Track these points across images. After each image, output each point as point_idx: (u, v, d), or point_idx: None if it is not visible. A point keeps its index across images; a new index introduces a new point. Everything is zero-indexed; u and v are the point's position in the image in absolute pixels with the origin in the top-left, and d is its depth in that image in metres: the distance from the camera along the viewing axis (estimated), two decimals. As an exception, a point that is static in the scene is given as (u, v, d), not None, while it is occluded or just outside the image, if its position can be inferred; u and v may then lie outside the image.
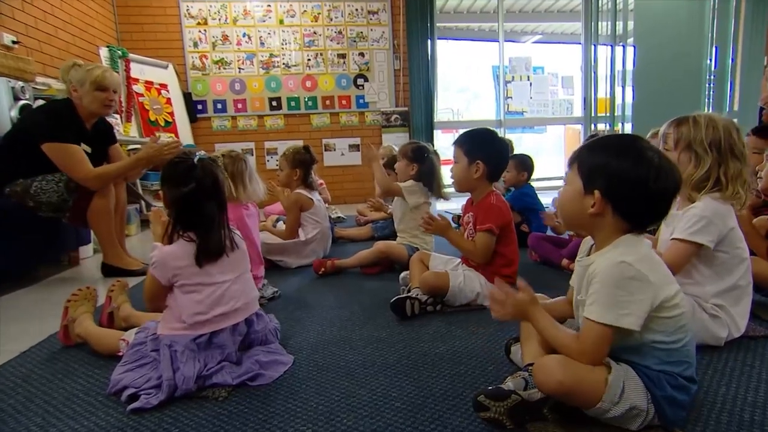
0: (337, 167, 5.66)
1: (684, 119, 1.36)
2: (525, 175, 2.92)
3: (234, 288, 1.32)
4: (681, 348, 0.97)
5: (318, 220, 2.68)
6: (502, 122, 6.19)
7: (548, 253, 2.38)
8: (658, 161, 0.94)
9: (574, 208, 1.01)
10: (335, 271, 2.39)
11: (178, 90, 5.13)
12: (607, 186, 0.95)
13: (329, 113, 5.60)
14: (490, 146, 1.82)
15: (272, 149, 5.48)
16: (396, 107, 5.71)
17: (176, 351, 1.22)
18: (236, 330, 1.32)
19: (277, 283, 2.20)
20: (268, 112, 5.47)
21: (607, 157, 0.96)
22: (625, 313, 0.91)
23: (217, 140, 5.29)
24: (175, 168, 1.28)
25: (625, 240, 0.97)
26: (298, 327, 1.68)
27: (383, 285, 2.17)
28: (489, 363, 1.35)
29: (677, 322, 0.96)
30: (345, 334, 1.60)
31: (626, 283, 0.91)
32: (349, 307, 1.89)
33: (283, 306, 1.93)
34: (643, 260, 0.93)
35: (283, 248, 2.60)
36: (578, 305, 1.04)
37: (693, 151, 1.33)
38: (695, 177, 1.33)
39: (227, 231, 1.34)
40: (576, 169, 1.01)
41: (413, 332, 1.59)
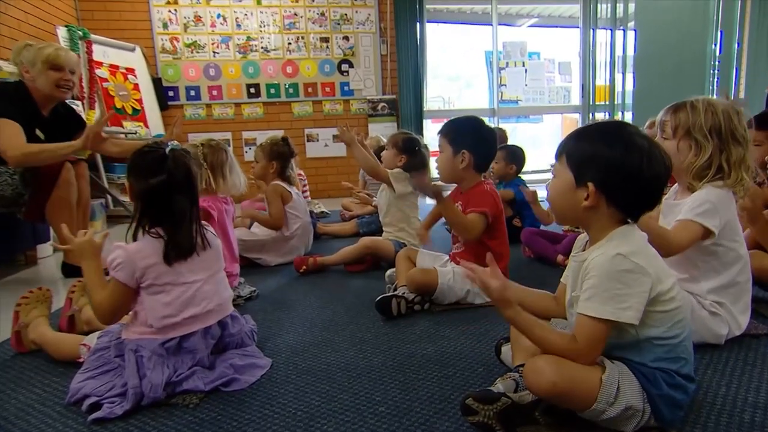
0: (320, 159, 5.63)
1: (681, 105, 1.37)
2: (513, 167, 2.93)
3: (206, 288, 1.30)
4: (679, 344, 0.98)
5: (298, 214, 2.67)
6: (495, 111, 6.21)
7: (542, 249, 2.40)
8: (648, 147, 0.95)
9: (567, 202, 1.02)
10: (317, 269, 2.38)
11: (146, 75, 5.04)
12: (601, 177, 0.96)
13: (312, 101, 5.56)
14: (476, 135, 1.82)
15: (250, 140, 5.43)
16: (383, 95, 5.70)
17: (143, 356, 1.20)
18: (209, 333, 1.30)
19: (255, 281, 2.19)
20: (245, 99, 5.42)
21: (597, 147, 0.96)
22: (624, 307, 0.92)
23: (191, 130, 5.21)
24: (144, 158, 1.26)
25: (620, 232, 0.98)
26: (276, 328, 1.68)
27: (368, 283, 2.17)
28: (479, 364, 1.35)
29: (673, 316, 0.97)
30: (327, 336, 1.60)
31: (623, 275, 0.92)
32: (332, 306, 1.88)
33: (261, 306, 1.92)
34: (639, 252, 0.94)
35: (262, 245, 2.58)
36: (572, 302, 1.04)
37: (693, 138, 1.33)
38: (696, 165, 1.33)
39: (199, 227, 1.32)
40: (565, 161, 1.01)
41: (399, 333, 1.60)
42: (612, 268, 0.93)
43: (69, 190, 2.35)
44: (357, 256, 2.40)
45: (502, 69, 6.35)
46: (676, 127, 1.36)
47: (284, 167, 2.69)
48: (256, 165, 2.68)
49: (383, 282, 2.07)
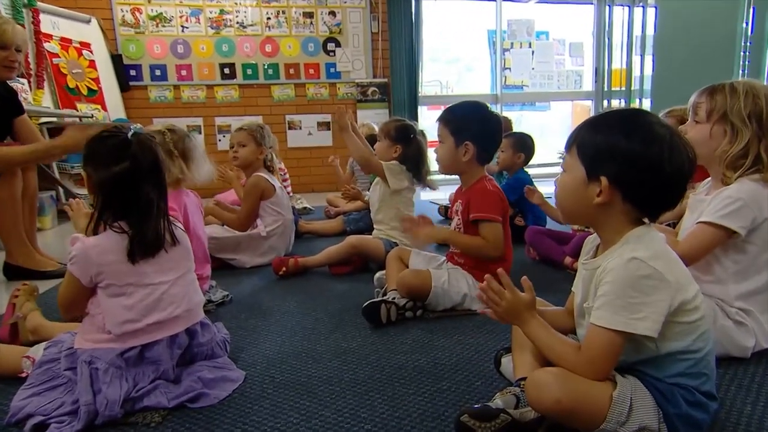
0: (303, 149, 5.61)
1: (719, 87, 1.37)
2: (522, 157, 2.94)
3: (174, 291, 1.29)
4: (702, 358, 0.99)
5: (280, 210, 2.66)
6: (498, 98, 6.23)
7: (549, 250, 2.41)
8: (669, 137, 0.95)
9: (577, 199, 1.02)
10: (299, 271, 2.38)
11: (104, 51, 4.98)
12: (616, 171, 0.95)
13: (293, 84, 5.54)
14: (481, 124, 1.82)
15: (224, 126, 5.40)
16: (373, 78, 5.70)
17: (98, 369, 1.19)
18: (175, 342, 1.29)
19: (228, 285, 2.18)
20: (219, 81, 5.39)
21: (613, 137, 0.96)
22: (640, 317, 0.92)
23: (156, 114, 5.18)
24: (104, 143, 1.24)
25: (636, 234, 0.98)
26: (251, 337, 1.67)
27: (355, 287, 2.17)
28: (476, 377, 1.36)
29: (697, 327, 0.97)
30: (308, 346, 1.59)
31: (640, 282, 0.92)
32: (314, 313, 1.88)
33: (235, 312, 1.92)
34: (658, 256, 0.94)
35: (237, 244, 2.57)
36: (584, 313, 1.04)
37: (729, 122, 1.33)
38: (731, 153, 1.33)
39: (167, 222, 1.31)
40: (576, 154, 1.01)
41: (389, 342, 1.60)
42: (627, 274, 0.93)
43: (13, 181, 2.32)
44: (343, 256, 2.40)
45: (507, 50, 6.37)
46: (711, 111, 1.36)
47: (268, 155, 2.70)
48: (242, 150, 2.64)
49: (371, 285, 2.07)
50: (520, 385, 1.07)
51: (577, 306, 1.10)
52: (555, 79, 6.61)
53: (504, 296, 1.06)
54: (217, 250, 2.47)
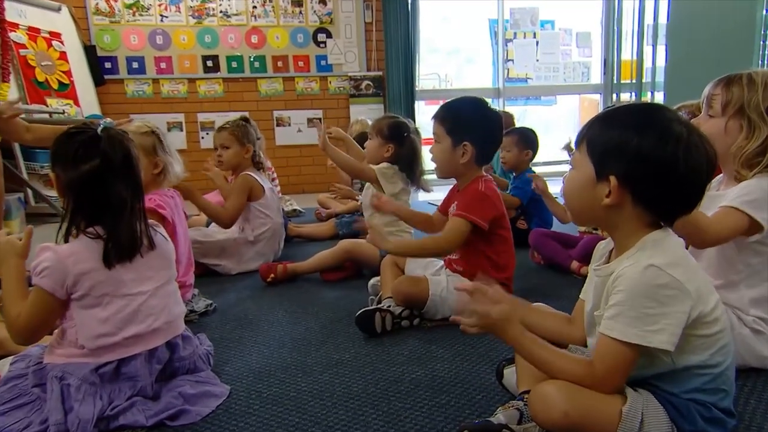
0: (292, 147, 5.61)
1: (736, 78, 1.37)
2: (529, 154, 2.95)
3: (152, 302, 1.29)
4: (721, 373, 0.99)
5: (269, 213, 2.66)
6: (500, 91, 6.24)
7: (554, 254, 2.42)
8: (687, 136, 0.95)
9: (585, 199, 1.02)
10: (288, 278, 2.38)
11: (77, 42, 4.94)
12: (627, 170, 0.95)
13: (282, 78, 5.54)
14: (481, 123, 1.81)
15: (208, 123, 5.39)
16: (367, 71, 5.70)
17: (69, 385, 1.19)
18: (154, 356, 1.29)
19: (213, 293, 2.18)
20: (201, 74, 5.38)
21: (626, 134, 0.96)
22: (656, 330, 0.92)
23: (134, 110, 5.15)
24: (72, 141, 1.24)
25: (653, 238, 0.98)
26: (237, 349, 1.67)
27: (348, 294, 2.17)
28: (477, 390, 1.36)
29: (717, 341, 0.97)
30: (297, 358, 1.59)
31: (656, 291, 0.92)
32: (304, 322, 1.89)
33: (219, 323, 1.92)
34: (677, 264, 0.94)
35: (221, 249, 2.57)
36: (594, 322, 1.04)
37: (746, 117, 1.33)
38: (747, 150, 1.33)
39: (144, 225, 1.31)
40: (585, 150, 1.01)
41: (384, 353, 1.60)
42: (643, 283, 0.93)
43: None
44: (335, 262, 2.40)
45: (509, 41, 6.38)
46: (727, 103, 1.36)
47: (255, 152, 2.70)
48: (225, 152, 2.64)
49: (365, 293, 2.07)
50: (523, 399, 1.07)
51: (587, 314, 1.10)
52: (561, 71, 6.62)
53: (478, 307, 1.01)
54: (200, 255, 2.47)
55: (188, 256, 2.04)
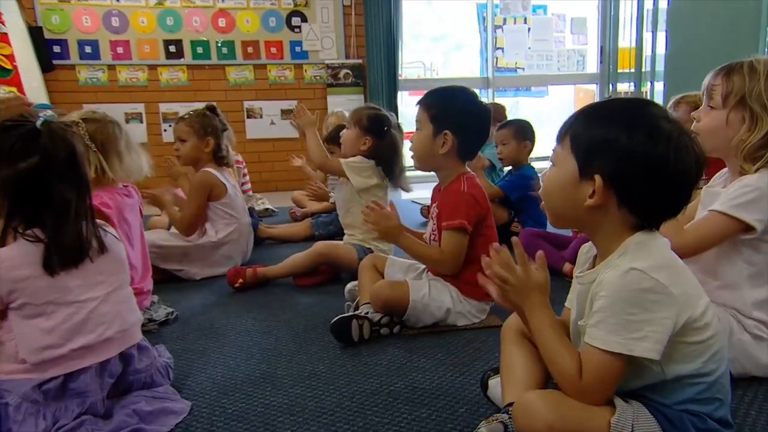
0: (264, 141, 5.59)
1: (737, 66, 1.39)
2: (528, 145, 2.99)
3: (104, 309, 1.28)
4: (715, 381, 1.00)
5: (234, 213, 2.65)
6: (489, 81, 6.28)
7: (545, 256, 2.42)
8: (677, 136, 0.96)
9: (565, 199, 1.03)
10: (258, 283, 2.38)
11: (20, 23, 4.83)
12: (612, 169, 0.97)
13: (252, 65, 5.51)
14: (466, 112, 1.83)
15: (170, 114, 5.33)
16: (346, 59, 5.69)
17: (8, 404, 1.16)
18: (106, 369, 1.28)
19: (174, 300, 2.16)
20: (163, 60, 5.33)
21: (612, 130, 0.97)
22: (639, 337, 0.93)
23: (87, 99, 5.07)
24: (7, 135, 1.22)
25: (636, 241, 0.99)
26: (200, 362, 1.67)
27: (323, 301, 2.17)
28: (460, 403, 1.37)
29: (709, 347, 0.99)
30: (267, 369, 1.59)
31: (639, 296, 0.93)
32: (275, 331, 1.88)
33: (181, 332, 1.91)
34: (661, 266, 0.95)
35: (184, 253, 2.55)
36: (579, 333, 1.06)
37: (748, 108, 1.35)
38: (749, 143, 1.34)
39: (92, 225, 1.29)
40: (568, 146, 1.02)
41: (360, 364, 1.60)
42: (625, 287, 0.94)
43: None
44: (309, 265, 2.39)
45: (499, 27, 6.42)
46: (728, 94, 1.38)
47: (219, 146, 2.67)
48: (182, 146, 2.63)
49: (342, 299, 2.07)
50: (508, 412, 1.08)
51: (572, 324, 1.11)
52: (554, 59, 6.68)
53: (514, 271, 1.06)
54: (161, 260, 2.45)
55: (144, 260, 2.02)
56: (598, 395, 0.97)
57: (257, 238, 3.03)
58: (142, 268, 1.98)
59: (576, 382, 0.97)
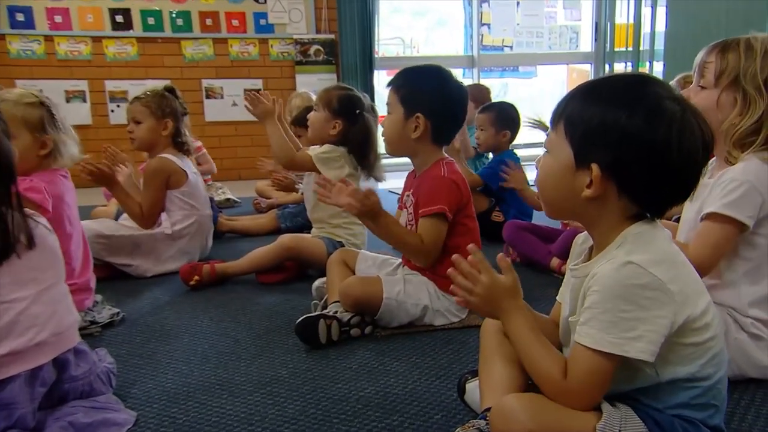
0: (226, 124, 5.56)
1: (733, 43, 1.40)
2: (507, 135, 3.00)
3: (35, 310, 1.25)
4: (712, 386, 1.01)
5: (193, 204, 2.63)
6: (474, 60, 6.30)
7: (531, 250, 2.46)
8: (681, 114, 0.96)
9: (561, 189, 1.03)
10: (216, 281, 2.37)
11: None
12: (611, 156, 0.96)
13: (212, 39, 5.47)
14: (439, 94, 1.84)
15: (118, 93, 5.28)
16: (317, 34, 5.67)
17: None
18: (38, 377, 1.25)
19: (121, 300, 2.15)
20: (108, 32, 5.26)
21: (610, 112, 0.97)
22: (633, 337, 0.93)
23: (21, 74, 5.01)
24: None
25: (634, 232, 1.00)
26: (148, 367, 1.65)
27: (288, 299, 2.18)
28: (436, 409, 1.37)
29: (707, 350, 0.99)
30: (223, 375, 1.59)
31: (635, 292, 0.94)
32: (234, 333, 1.88)
33: (128, 335, 1.89)
34: (660, 260, 0.96)
35: (135, 246, 2.53)
36: (570, 329, 1.06)
37: (741, 89, 1.36)
38: (740, 128, 1.36)
39: (21, 216, 1.26)
40: (563, 131, 1.02)
41: (328, 368, 1.60)
42: (620, 282, 0.94)
43: None
44: (274, 261, 2.39)
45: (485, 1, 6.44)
46: (721, 73, 1.39)
47: (178, 130, 2.65)
48: (137, 128, 2.59)
49: (309, 297, 2.07)
50: (485, 417, 1.08)
51: (563, 320, 1.12)
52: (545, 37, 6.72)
53: (479, 280, 1.07)
54: (107, 253, 2.43)
55: (85, 253, 1.98)
56: (586, 399, 0.98)
57: (217, 231, 3.01)
58: (82, 261, 1.94)
59: (562, 385, 0.98)
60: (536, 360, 1.01)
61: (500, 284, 1.07)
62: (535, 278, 2.35)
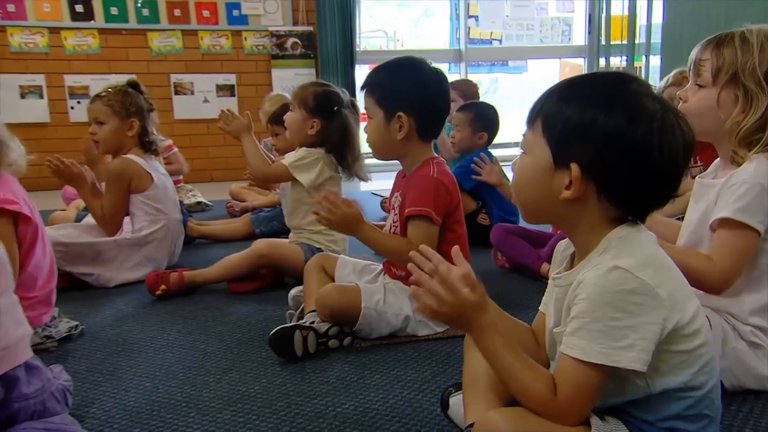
0: (196, 122, 5.54)
1: (727, 38, 1.41)
2: (484, 137, 3.02)
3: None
4: (705, 396, 1.02)
5: (160, 208, 2.62)
6: (461, 55, 6.32)
7: (521, 255, 2.47)
8: (661, 113, 0.97)
9: (539, 191, 1.04)
10: (185, 290, 2.36)
11: None
12: (592, 156, 0.97)
13: (180, 31, 5.46)
14: (417, 87, 1.83)
15: (79, 89, 5.25)
16: (294, 26, 5.67)
17: None
18: (-18, 396, 1.23)
19: (80, 312, 2.13)
20: (68, 23, 5.23)
21: (589, 111, 0.98)
22: (624, 346, 0.93)
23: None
24: None
25: (619, 235, 1.00)
26: (109, 384, 1.64)
27: (262, 309, 2.17)
28: (418, 425, 1.37)
29: (698, 358, 1.00)
30: (190, 392, 1.58)
31: (623, 299, 0.94)
32: (203, 347, 1.87)
33: (88, 350, 1.88)
34: (647, 264, 0.96)
35: (96, 252, 2.51)
36: (555, 341, 1.07)
37: (741, 85, 1.37)
38: (744, 125, 1.36)
39: None
40: (540, 130, 1.03)
41: (304, 382, 1.60)
42: (608, 289, 0.95)
43: None
44: (247, 268, 2.39)
45: (473, -9, 6.48)
46: (719, 70, 1.40)
47: (145, 129, 2.64)
48: (100, 130, 2.57)
49: (285, 307, 2.06)
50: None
51: (548, 332, 1.12)
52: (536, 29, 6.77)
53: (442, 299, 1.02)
54: (66, 262, 2.40)
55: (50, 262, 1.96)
56: (576, 415, 0.98)
57: (186, 236, 3.00)
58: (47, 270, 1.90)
59: (550, 402, 0.97)
60: (519, 379, 1.00)
61: (464, 299, 1.02)
62: (524, 285, 2.36)
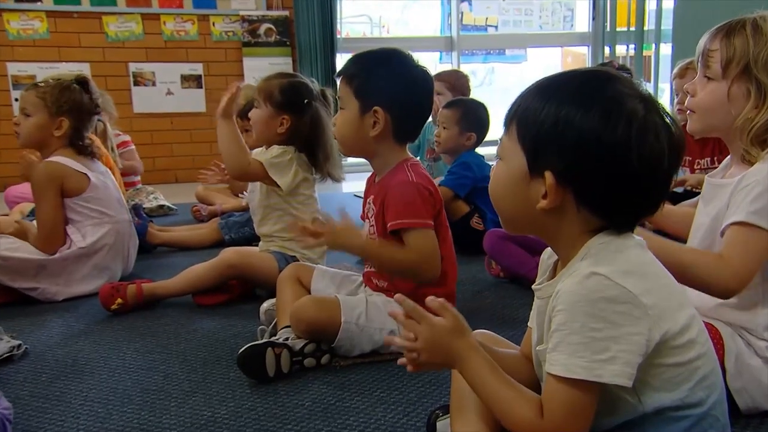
0: (159, 117, 5.55)
1: (738, 26, 1.41)
2: (473, 138, 3.04)
3: None
4: (706, 414, 1.02)
5: (103, 210, 2.61)
6: (453, 43, 6.35)
7: (517, 263, 2.47)
8: (643, 115, 0.98)
9: (515, 201, 1.05)
10: (144, 304, 2.35)
11: None
12: (566, 163, 0.98)
13: (140, 15, 5.45)
14: (400, 83, 1.84)
15: (25, 78, 5.21)
16: (268, 10, 5.68)
17: None
18: None
19: (24, 329, 2.13)
20: (10, 4, 5.23)
21: (563, 113, 0.98)
22: (606, 359, 0.94)
23: None
24: None
25: (600, 241, 1.01)
26: (56, 410, 1.63)
27: (231, 325, 2.17)
28: (403, 452, 1.38)
29: (694, 371, 1.01)
30: (149, 417, 1.57)
31: (604, 307, 0.95)
32: (163, 367, 1.87)
33: (31, 372, 1.87)
34: (629, 271, 0.97)
35: (40, 266, 2.49)
36: (541, 359, 1.07)
37: (753, 78, 1.38)
38: (757, 122, 1.37)
39: None
40: (514, 134, 1.04)
41: (276, 406, 1.60)
42: (585, 297, 0.95)
43: None
44: (215, 279, 2.38)
45: (466, -27, 6.51)
46: (729, 62, 1.41)
47: (78, 131, 2.61)
48: (25, 122, 2.56)
49: (257, 321, 2.06)
50: (458, 461, 1.09)
51: (534, 351, 1.13)
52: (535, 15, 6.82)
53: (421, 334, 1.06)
54: (7, 277, 2.40)
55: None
56: None
57: (147, 243, 3.00)
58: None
59: (537, 427, 0.98)
60: (505, 405, 1.01)
61: (439, 327, 1.05)
62: (520, 296, 2.37)
